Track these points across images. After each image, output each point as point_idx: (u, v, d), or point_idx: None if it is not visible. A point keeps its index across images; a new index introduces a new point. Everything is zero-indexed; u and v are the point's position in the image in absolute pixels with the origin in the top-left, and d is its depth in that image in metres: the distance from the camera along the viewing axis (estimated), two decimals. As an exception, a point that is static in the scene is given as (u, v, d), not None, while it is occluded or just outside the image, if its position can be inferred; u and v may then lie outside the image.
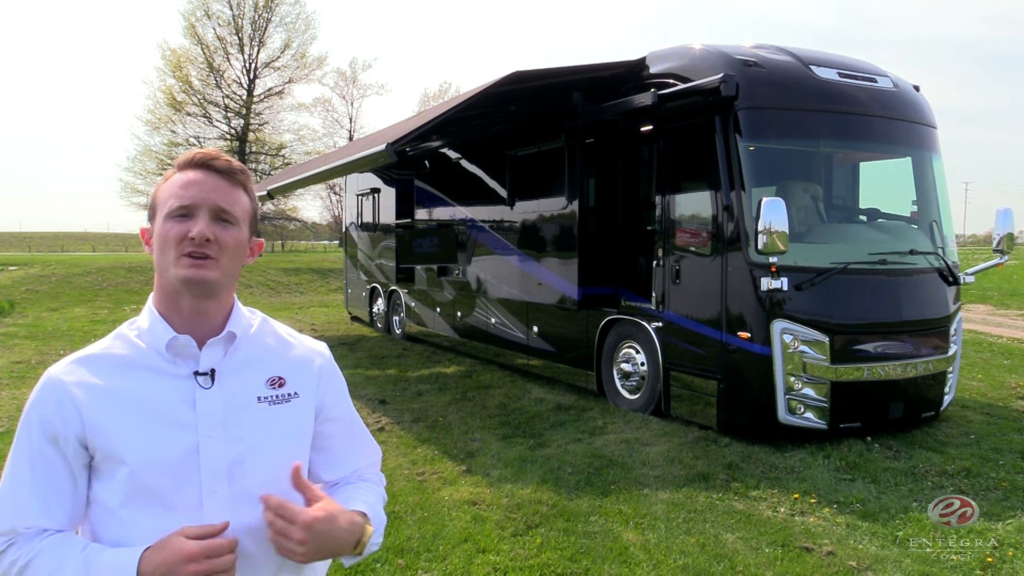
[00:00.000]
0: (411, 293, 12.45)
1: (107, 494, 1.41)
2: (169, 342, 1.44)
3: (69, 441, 1.39)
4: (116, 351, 1.46)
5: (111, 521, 1.40)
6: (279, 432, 1.50)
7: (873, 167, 7.70)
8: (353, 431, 1.69)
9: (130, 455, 1.38)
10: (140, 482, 1.38)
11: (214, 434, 1.42)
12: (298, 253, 49.01)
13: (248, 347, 1.52)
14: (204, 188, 1.43)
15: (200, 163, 1.46)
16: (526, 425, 7.00)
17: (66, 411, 1.39)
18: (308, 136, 39.52)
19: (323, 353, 1.64)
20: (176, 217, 1.42)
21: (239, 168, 1.49)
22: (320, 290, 25.14)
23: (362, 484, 1.65)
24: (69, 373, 1.42)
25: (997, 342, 12.17)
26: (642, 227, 7.55)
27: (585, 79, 8.03)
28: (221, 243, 1.42)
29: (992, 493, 5.20)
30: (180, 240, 1.40)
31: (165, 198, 1.45)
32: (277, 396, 1.51)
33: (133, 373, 1.43)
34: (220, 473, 1.42)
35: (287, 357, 1.56)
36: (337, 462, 1.64)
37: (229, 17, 35.10)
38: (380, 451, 1.77)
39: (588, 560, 4.13)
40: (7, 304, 17.98)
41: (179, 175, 1.46)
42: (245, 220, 1.48)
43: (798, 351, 6.05)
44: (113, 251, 66.63)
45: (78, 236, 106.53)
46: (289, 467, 1.48)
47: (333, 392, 1.62)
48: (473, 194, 10.54)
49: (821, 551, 4.26)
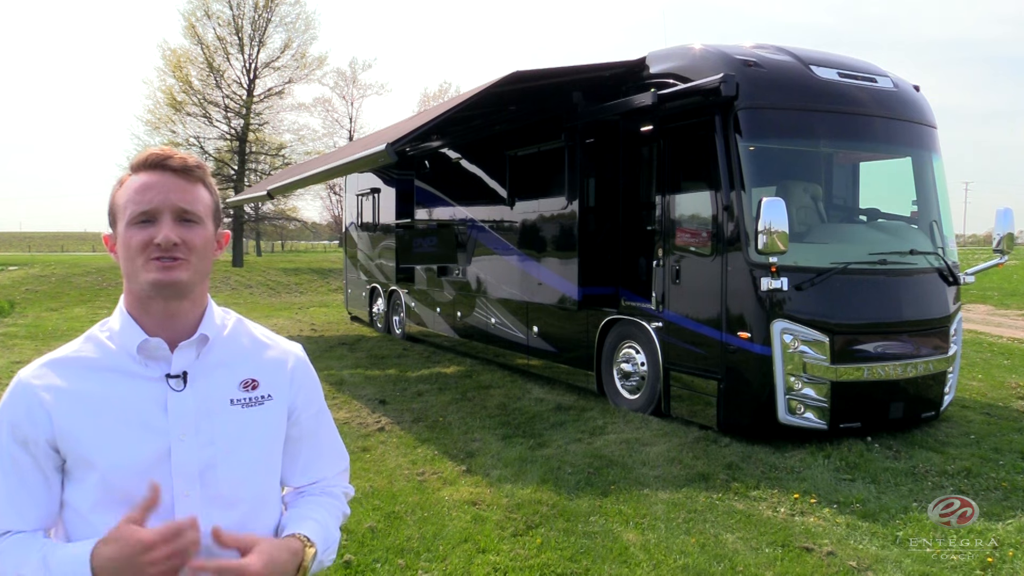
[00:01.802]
0: (411, 293, 12.45)
1: (78, 498, 1.39)
2: (140, 344, 1.41)
3: (39, 445, 1.38)
4: (86, 353, 1.44)
5: (82, 525, 1.39)
6: (252, 435, 1.48)
7: (873, 167, 7.70)
8: (323, 436, 1.67)
9: (100, 459, 1.37)
10: (111, 486, 1.37)
11: (186, 438, 1.40)
12: (298, 253, 49.06)
13: (221, 349, 1.49)
14: (162, 190, 1.39)
15: (155, 164, 1.42)
16: (526, 425, 7.00)
17: (35, 415, 1.38)
18: (308, 136, 39.48)
19: (297, 354, 1.61)
20: (138, 223, 1.39)
21: (195, 164, 1.45)
22: (320, 290, 25.14)
23: (321, 499, 1.62)
24: (38, 376, 1.41)
25: (997, 342, 12.17)
26: (642, 227, 7.55)
27: (585, 79, 8.03)
28: (188, 244, 1.40)
29: (992, 493, 5.20)
30: (145, 246, 1.38)
31: (124, 204, 1.41)
32: (250, 399, 1.49)
33: (103, 376, 1.41)
34: (192, 477, 1.40)
35: (261, 359, 1.54)
36: (305, 467, 1.62)
37: (229, 17, 35.06)
38: (348, 458, 1.75)
39: (588, 560, 4.13)
40: (7, 304, 17.98)
41: (135, 178, 1.42)
42: (208, 216, 1.45)
43: (798, 351, 6.05)
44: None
45: (78, 236, 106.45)
46: (261, 471, 1.50)
47: (306, 394, 1.60)
48: (473, 194, 10.54)
49: (821, 551, 4.26)
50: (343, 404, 7.71)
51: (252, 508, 1.48)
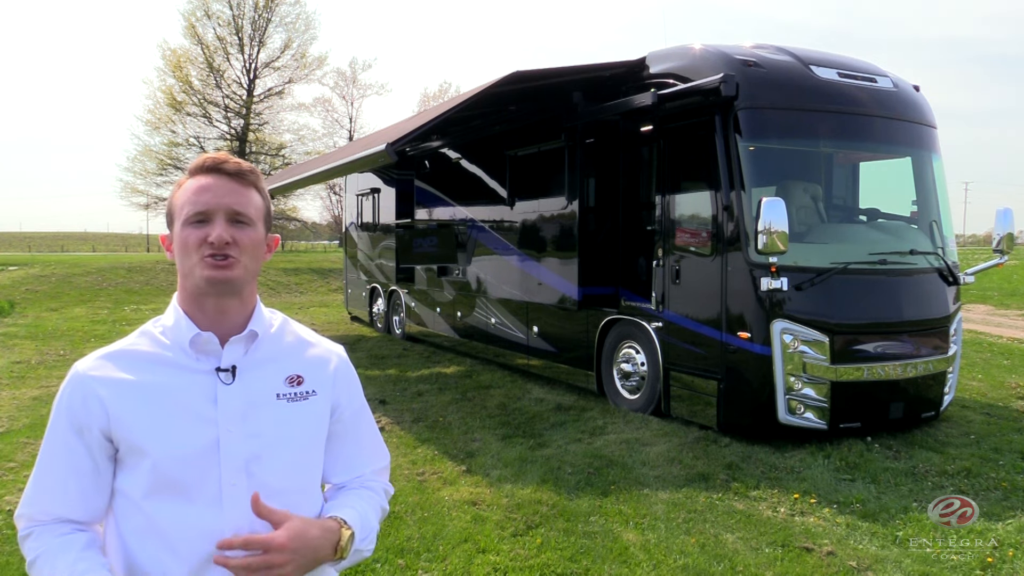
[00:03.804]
0: (411, 293, 12.45)
1: (130, 485, 1.45)
2: (192, 338, 1.48)
3: (94, 433, 1.44)
4: (141, 347, 1.51)
5: (134, 512, 1.45)
6: (296, 429, 1.54)
7: (873, 167, 7.70)
8: (364, 433, 1.72)
9: (153, 447, 1.43)
10: (162, 474, 1.43)
11: (234, 429, 1.47)
12: (298, 253, 49.00)
13: (268, 345, 1.56)
14: (218, 192, 1.47)
15: (211, 168, 1.50)
16: (526, 425, 7.00)
17: (91, 404, 1.44)
18: (308, 136, 39.54)
19: (340, 354, 1.68)
20: (194, 223, 1.46)
21: (249, 169, 1.53)
22: (320, 290, 25.14)
23: (360, 491, 1.66)
24: (95, 368, 1.48)
25: (997, 342, 12.17)
26: (642, 227, 7.55)
27: (585, 79, 8.03)
28: (240, 244, 1.47)
29: (992, 493, 5.20)
30: (200, 244, 1.45)
31: (181, 205, 1.49)
32: (295, 394, 1.55)
33: (157, 368, 1.48)
34: (239, 467, 1.46)
35: (306, 356, 1.61)
36: (346, 463, 1.67)
37: (229, 17, 35.10)
38: (389, 456, 1.79)
39: (588, 560, 4.13)
40: (7, 304, 17.98)
41: (192, 181, 1.50)
42: (260, 219, 1.53)
43: (798, 351, 6.05)
44: (113, 251, 66.65)
45: (78, 236, 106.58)
46: (305, 464, 1.55)
47: (348, 392, 1.66)
48: (473, 194, 10.54)
49: (821, 551, 4.26)
50: (343, 404, 7.72)
51: (295, 500, 1.52)
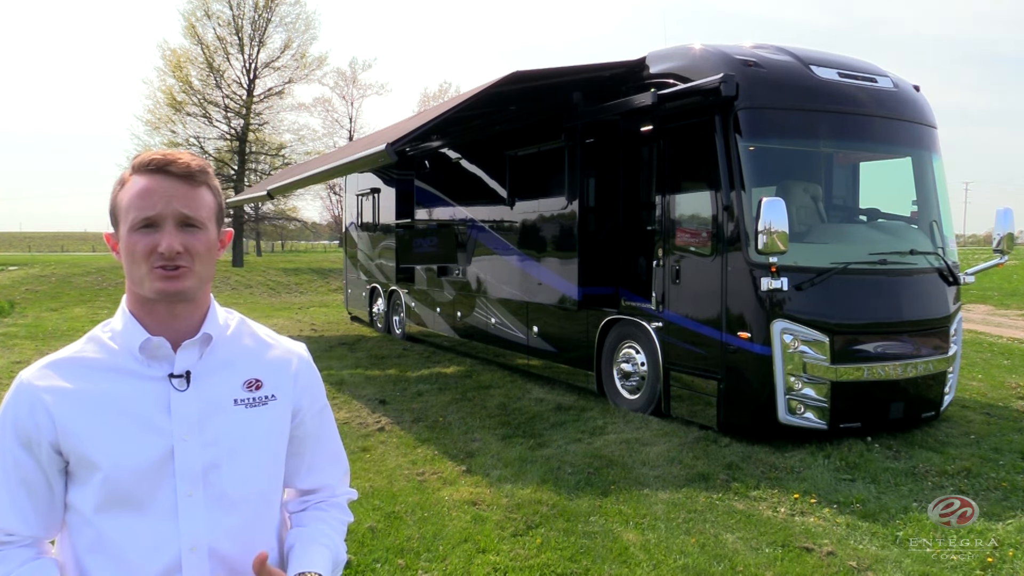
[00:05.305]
0: (411, 293, 12.45)
1: (81, 500, 1.39)
2: (142, 344, 1.40)
3: (42, 446, 1.37)
4: (88, 354, 1.43)
5: (86, 527, 1.39)
6: (256, 435, 1.47)
7: (873, 167, 7.70)
8: (326, 437, 1.65)
9: (103, 460, 1.35)
10: (114, 488, 1.36)
11: (189, 438, 1.39)
12: (298, 253, 49.05)
13: (224, 348, 1.48)
14: (165, 196, 1.37)
15: (157, 168, 1.38)
16: (526, 425, 7.00)
17: (38, 416, 1.37)
18: (308, 136, 39.47)
19: (301, 354, 1.60)
20: (141, 229, 1.37)
21: (198, 168, 1.42)
22: (320, 290, 25.14)
23: (327, 515, 1.61)
24: (41, 377, 1.39)
25: (997, 342, 12.17)
26: (642, 227, 7.55)
27: (585, 79, 8.03)
28: (191, 251, 1.38)
29: (992, 493, 5.20)
30: (149, 254, 1.36)
31: (126, 207, 1.38)
32: (254, 399, 1.47)
33: (106, 376, 1.40)
34: (195, 477, 1.39)
35: (264, 358, 1.53)
36: (309, 469, 1.61)
37: (229, 17, 35.05)
38: (347, 462, 1.73)
39: (588, 560, 4.13)
40: (7, 304, 17.98)
41: (137, 180, 1.39)
42: (211, 220, 1.43)
43: (798, 351, 6.05)
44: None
45: (78, 236, 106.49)
46: (266, 471, 1.49)
47: (310, 395, 1.59)
48: (473, 194, 10.54)
49: (821, 551, 4.26)
50: (343, 404, 7.71)
51: (255, 509, 1.47)
